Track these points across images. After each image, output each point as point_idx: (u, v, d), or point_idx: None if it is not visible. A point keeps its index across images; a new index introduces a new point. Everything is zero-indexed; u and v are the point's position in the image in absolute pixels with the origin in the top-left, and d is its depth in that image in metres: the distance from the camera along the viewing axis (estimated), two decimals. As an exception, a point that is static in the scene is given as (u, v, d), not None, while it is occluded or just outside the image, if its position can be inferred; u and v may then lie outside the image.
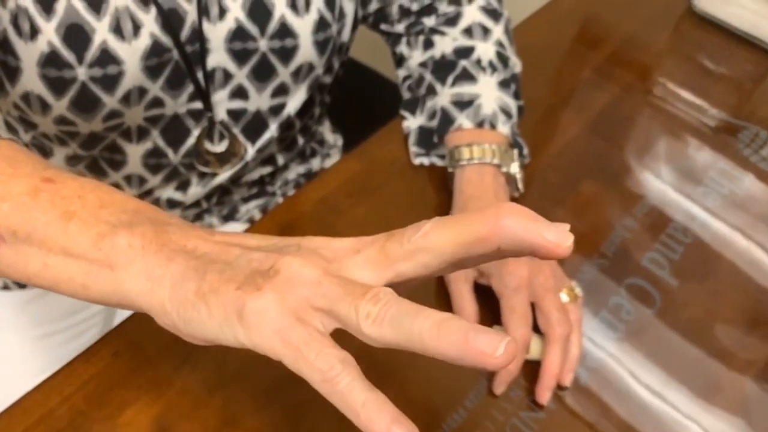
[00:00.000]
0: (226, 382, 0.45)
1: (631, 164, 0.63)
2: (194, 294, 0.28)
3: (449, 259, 0.26)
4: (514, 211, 0.25)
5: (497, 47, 0.60)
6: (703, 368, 0.50)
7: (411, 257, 0.27)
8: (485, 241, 0.25)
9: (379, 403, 0.25)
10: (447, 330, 0.24)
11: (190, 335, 0.29)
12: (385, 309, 0.25)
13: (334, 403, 0.26)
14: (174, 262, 0.29)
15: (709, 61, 0.73)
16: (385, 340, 0.25)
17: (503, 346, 0.23)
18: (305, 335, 0.26)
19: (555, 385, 0.48)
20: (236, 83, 0.54)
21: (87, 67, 0.46)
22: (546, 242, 0.25)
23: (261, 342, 0.26)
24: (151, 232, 0.31)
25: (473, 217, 0.26)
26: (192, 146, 0.57)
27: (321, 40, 0.54)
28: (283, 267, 0.27)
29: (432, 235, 0.26)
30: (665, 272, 0.56)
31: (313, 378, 0.25)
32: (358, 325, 0.25)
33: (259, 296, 0.27)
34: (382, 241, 0.28)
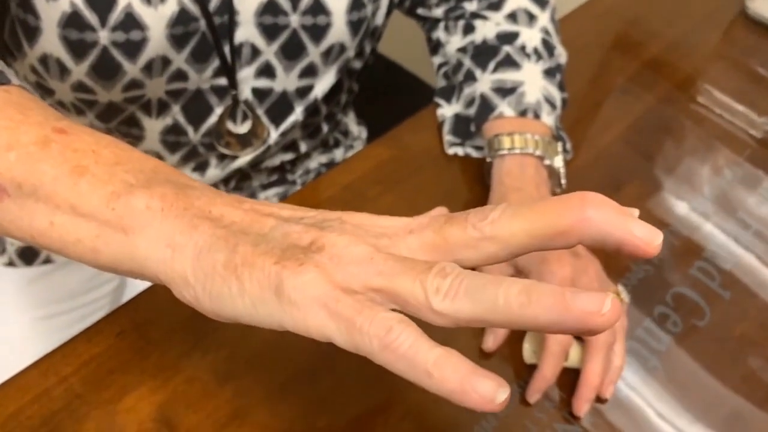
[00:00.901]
0: (238, 372, 0.41)
1: (674, 171, 0.59)
2: (223, 266, 0.25)
3: (519, 251, 0.24)
4: (600, 202, 0.22)
5: (543, 34, 0.56)
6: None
7: (475, 246, 0.24)
8: (565, 235, 0.23)
9: (452, 359, 0.22)
10: (539, 294, 0.21)
11: (216, 312, 0.26)
12: (458, 281, 0.22)
13: (400, 372, 0.22)
14: (198, 230, 0.26)
15: (761, 68, 0.69)
16: (460, 316, 0.22)
17: (609, 302, 0.21)
18: (355, 303, 0.23)
19: (594, 396, 0.44)
20: (264, 60, 0.51)
21: (110, 30, 0.44)
22: (636, 239, 0.22)
23: (304, 319, 0.23)
24: (171, 193, 0.27)
25: (552, 206, 0.23)
26: (213, 125, 0.54)
27: (355, 20, 0.51)
28: (327, 244, 0.24)
29: (502, 223, 0.23)
30: (715, 283, 0.51)
31: (372, 348, 0.22)
32: (427, 301, 0.22)
33: (301, 272, 0.24)
34: (441, 223, 0.25)
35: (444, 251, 0.24)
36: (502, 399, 0.21)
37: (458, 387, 0.21)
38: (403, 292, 0.23)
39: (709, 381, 0.46)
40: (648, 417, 0.44)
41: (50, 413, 0.38)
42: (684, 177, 0.58)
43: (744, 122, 0.64)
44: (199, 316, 0.43)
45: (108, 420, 0.38)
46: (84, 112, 0.51)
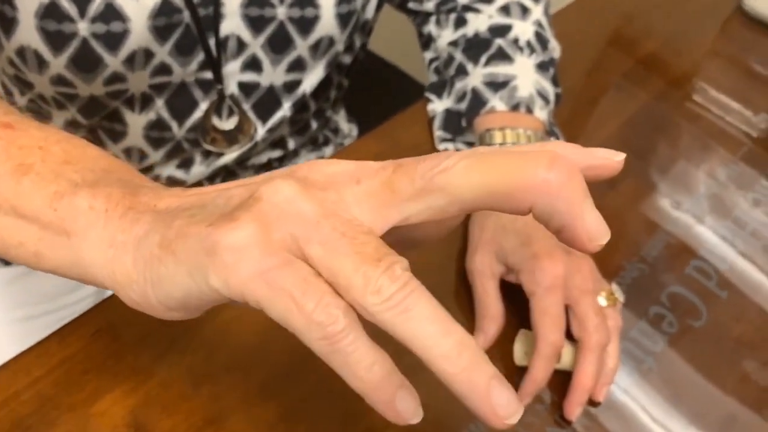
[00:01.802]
0: (215, 375, 0.40)
1: (669, 170, 0.58)
2: (159, 246, 0.23)
3: (468, 205, 0.21)
4: (566, 168, 0.20)
5: (536, 27, 0.55)
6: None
7: (421, 197, 0.21)
8: (518, 196, 0.20)
9: (386, 366, 0.20)
10: (468, 363, 0.19)
11: (161, 301, 0.24)
12: (401, 294, 0.20)
13: (331, 365, 0.20)
14: (139, 223, 0.24)
15: (757, 65, 0.68)
16: (387, 329, 0.20)
17: (517, 416, 0.20)
18: (299, 278, 0.20)
19: (586, 400, 0.42)
20: (250, 54, 0.50)
21: (89, 21, 0.43)
22: (581, 229, 0.20)
23: (239, 286, 0.21)
24: (118, 193, 0.26)
25: (514, 159, 0.20)
26: (198, 120, 0.53)
27: (344, 13, 0.50)
28: (266, 192, 0.22)
29: (454, 172, 0.21)
30: (712, 283, 0.50)
31: (309, 334, 0.20)
32: (362, 296, 0.20)
33: (234, 228, 0.21)
34: (390, 171, 0.22)
35: (389, 204, 0.21)
36: (417, 420, 0.20)
37: (385, 397, 0.20)
38: (340, 275, 0.20)
39: (705, 383, 0.45)
40: (642, 421, 0.43)
41: (19, 417, 0.37)
42: (679, 175, 0.57)
43: (739, 120, 0.62)
44: (177, 316, 0.42)
45: (80, 424, 0.37)
46: (65, 107, 0.50)
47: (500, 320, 0.44)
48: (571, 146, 0.21)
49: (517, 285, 0.44)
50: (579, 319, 0.42)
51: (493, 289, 0.45)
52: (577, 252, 0.44)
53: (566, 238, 0.20)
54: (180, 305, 0.23)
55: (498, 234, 0.45)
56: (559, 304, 0.42)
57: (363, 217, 0.22)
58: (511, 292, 0.45)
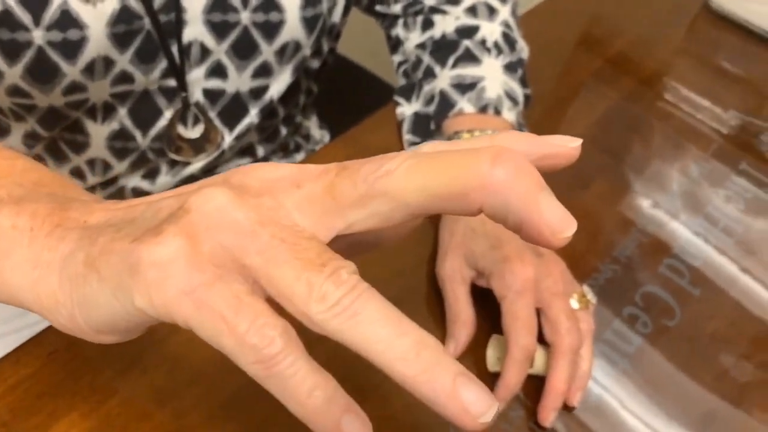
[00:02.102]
0: (179, 391, 0.38)
1: (641, 168, 0.57)
2: (83, 264, 0.21)
3: (414, 210, 0.19)
4: (515, 165, 0.18)
5: (504, 28, 0.54)
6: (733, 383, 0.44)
7: (364, 203, 0.20)
8: (465, 197, 0.19)
9: (329, 390, 0.19)
10: (428, 362, 0.18)
11: (89, 323, 0.22)
12: (348, 298, 0.18)
13: (269, 390, 0.19)
14: (65, 240, 0.23)
15: (726, 62, 0.68)
16: (336, 337, 0.18)
17: (492, 412, 0.18)
18: (229, 296, 0.19)
19: (561, 404, 0.41)
20: (214, 60, 0.49)
21: (44, 29, 0.41)
22: (542, 224, 0.18)
23: (165, 305, 0.19)
24: (45, 210, 0.24)
25: (457, 159, 0.19)
26: (163, 129, 0.52)
27: (309, 17, 0.49)
28: (196, 202, 0.20)
29: (396, 176, 0.19)
30: (685, 281, 0.50)
31: (242, 358, 0.19)
32: (306, 305, 0.18)
33: (158, 243, 0.19)
34: (332, 175, 0.20)
35: (332, 211, 0.20)
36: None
37: (329, 423, 0.18)
38: (281, 284, 0.19)
39: (682, 381, 0.44)
40: (624, 419, 0.42)
41: (-28, 443, 0.35)
42: (651, 174, 0.57)
43: (710, 117, 0.62)
44: (139, 332, 0.40)
45: (36, 449, 0.35)
46: (24, 119, 0.49)
47: (472, 326, 0.43)
48: (524, 135, 0.20)
49: (488, 289, 0.43)
50: (551, 322, 0.41)
51: (464, 295, 0.44)
52: (548, 254, 0.44)
53: (528, 235, 0.19)
54: (109, 328, 0.22)
55: (467, 238, 0.44)
56: (530, 308, 0.41)
57: (304, 224, 0.20)
58: (483, 297, 0.44)
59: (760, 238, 0.53)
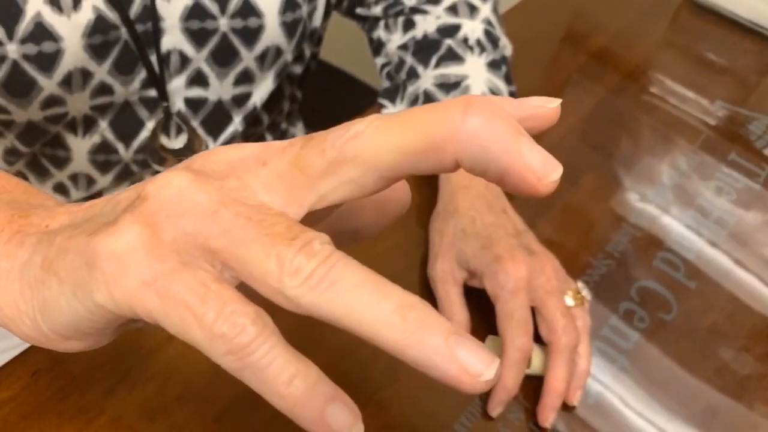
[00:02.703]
0: (169, 407, 0.37)
1: (630, 162, 0.57)
2: (40, 268, 0.20)
3: (387, 173, 0.18)
4: (489, 111, 0.17)
5: (485, 25, 0.54)
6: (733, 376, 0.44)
7: (334, 171, 0.18)
8: (439, 151, 0.17)
9: (311, 378, 0.17)
10: (420, 323, 0.16)
11: (56, 331, 0.21)
12: (323, 268, 0.17)
13: (245, 381, 0.17)
14: (24, 246, 0.22)
15: (710, 53, 0.68)
16: (314, 311, 0.17)
17: (493, 369, 0.16)
18: (195, 284, 0.17)
19: (560, 404, 0.41)
20: (194, 68, 0.48)
21: (18, 43, 0.40)
22: (525, 168, 0.17)
23: (126, 299, 0.18)
24: (5, 217, 0.23)
25: (427, 112, 0.18)
26: (146, 140, 0.51)
27: (289, 21, 0.48)
28: (153, 189, 0.18)
29: (365, 137, 0.18)
30: (680, 274, 0.49)
31: (213, 349, 0.17)
32: (279, 282, 0.17)
33: (113, 233, 0.18)
34: (298, 147, 0.19)
35: (301, 185, 0.19)
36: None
37: (312, 414, 0.17)
38: (250, 264, 0.17)
39: (682, 376, 0.44)
40: (625, 416, 0.42)
41: (-45, 470, 0.34)
42: (640, 168, 0.56)
43: (696, 109, 0.62)
44: (126, 347, 0.39)
45: (22, 472, 0.34)
46: (2, 134, 0.48)
47: (466, 327, 0.42)
48: (499, 98, 0.19)
49: (481, 290, 0.43)
50: (546, 321, 0.41)
51: (457, 296, 0.43)
52: (540, 251, 0.43)
53: (512, 184, 0.17)
54: (73, 332, 0.20)
55: (458, 239, 0.44)
56: (524, 307, 0.40)
57: (274, 204, 0.19)
58: (476, 298, 0.43)
59: (753, 229, 0.53)
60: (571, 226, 0.51)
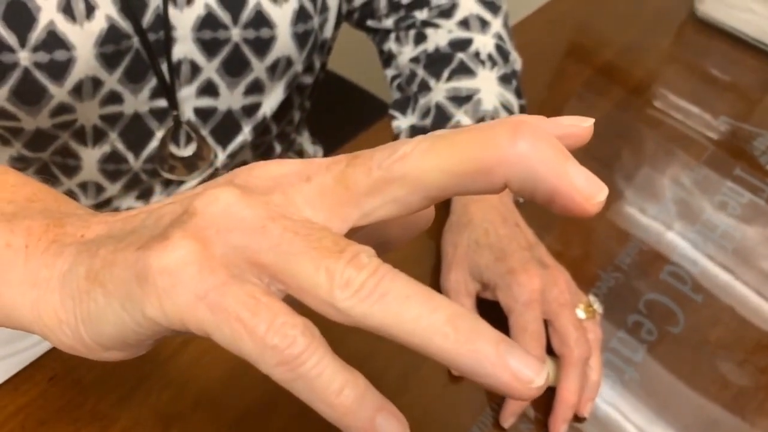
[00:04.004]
0: (185, 413, 0.37)
1: (634, 177, 0.57)
2: (85, 279, 0.20)
3: (433, 193, 0.18)
4: (536, 135, 0.17)
5: (497, 40, 0.55)
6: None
7: (380, 190, 0.19)
8: (489, 174, 0.18)
9: (360, 388, 0.17)
10: (470, 333, 0.17)
11: (99, 342, 0.21)
12: (374, 280, 0.17)
13: (296, 393, 0.18)
14: (62, 256, 0.22)
15: (714, 69, 0.69)
16: (366, 323, 0.17)
17: (543, 376, 0.17)
18: (245, 297, 0.18)
19: (572, 416, 0.41)
20: (205, 78, 0.48)
21: (31, 51, 0.41)
22: (574, 191, 0.17)
23: (178, 313, 0.18)
24: (40, 226, 0.23)
25: (475, 135, 0.18)
26: (155, 150, 0.51)
27: (301, 33, 0.49)
28: (201, 204, 0.19)
29: (413, 158, 0.18)
30: (687, 287, 0.50)
31: (264, 361, 0.17)
32: (329, 294, 0.17)
33: (166, 248, 0.18)
34: (343, 165, 0.19)
35: (346, 201, 0.19)
36: None
37: (362, 423, 0.17)
38: (300, 277, 0.18)
39: (687, 390, 0.44)
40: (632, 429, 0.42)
41: (-29, 475, 0.34)
42: (645, 182, 0.57)
43: (700, 124, 0.63)
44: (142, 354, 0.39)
45: (38, 478, 0.34)
46: (9, 142, 0.48)
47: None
48: (539, 118, 0.19)
49: (493, 302, 0.43)
50: (559, 334, 0.41)
51: (470, 308, 0.43)
52: (552, 264, 0.44)
53: (561, 204, 0.18)
54: (117, 343, 0.21)
55: (471, 250, 0.44)
56: (538, 320, 0.41)
57: (317, 219, 0.19)
58: (488, 310, 0.44)
59: (757, 244, 0.54)
60: (578, 239, 0.51)
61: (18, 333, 0.60)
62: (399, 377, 0.41)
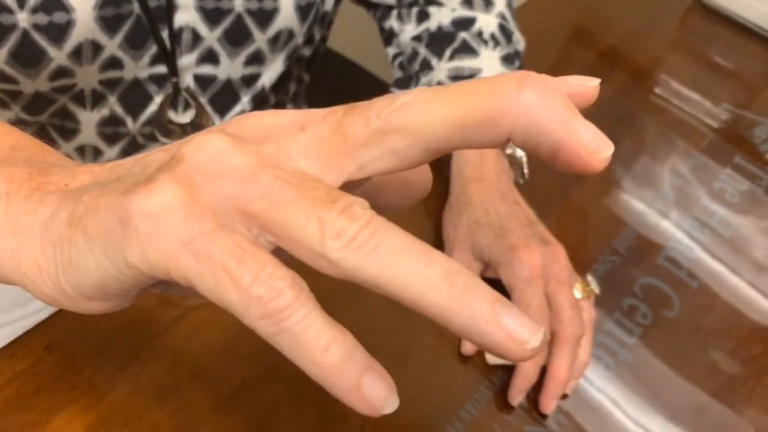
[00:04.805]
0: (181, 384, 0.38)
1: (633, 163, 0.57)
2: (67, 225, 0.19)
3: (434, 145, 0.18)
4: (543, 86, 0.17)
5: (500, 20, 0.54)
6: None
7: (379, 140, 0.18)
8: (492, 125, 0.17)
9: (347, 345, 0.17)
10: (466, 288, 0.16)
11: (80, 291, 0.20)
12: (368, 231, 0.16)
13: (280, 348, 0.17)
14: (45, 203, 0.21)
15: (717, 56, 0.69)
16: (358, 275, 0.17)
17: (539, 337, 0.16)
18: (232, 246, 0.17)
19: (562, 392, 0.41)
20: (206, 46, 0.48)
21: (30, 12, 0.40)
22: (580, 145, 0.17)
23: (161, 259, 0.17)
24: (23, 174, 0.22)
25: (480, 86, 0.17)
26: (154, 114, 0.51)
27: (303, 5, 0.49)
28: (189, 150, 0.18)
29: (414, 108, 0.17)
30: (683, 272, 0.50)
31: (248, 312, 0.17)
32: (321, 244, 0.17)
33: (150, 191, 0.17)
34: (340, 114, 0.18)
35: (342, 151, 0.18)
36: (391, 409, 0.17)
37: (348, 383, 0.16)
38: (290, 227, 0.17)
39: (678, 375, 0.45)
40: (616, 417, 0.42)
41: (-33, 440, 0.34)
42: (644, 168, 0.57)
43: (702, 112, 0.63)
44: (139, 324, 0.40)
45: (34, 444, 0.35)
46: (8, 105, 0.47)
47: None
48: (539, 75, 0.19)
49: (496, 281, 0.43)
50: (554, 311, 0.41)
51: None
52: (552, 241, 0.44)
53: (565, 159, 0.17)
54: (99, 292, 0.20)
55: (472, 230, 0.44)
56: (540, 296, 0.41)
57: (311, 170, 0.18)
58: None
59: (753, 232, 0.54)
60: (576, 223, 0.52)
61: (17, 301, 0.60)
62: (394, 354, 0.42)
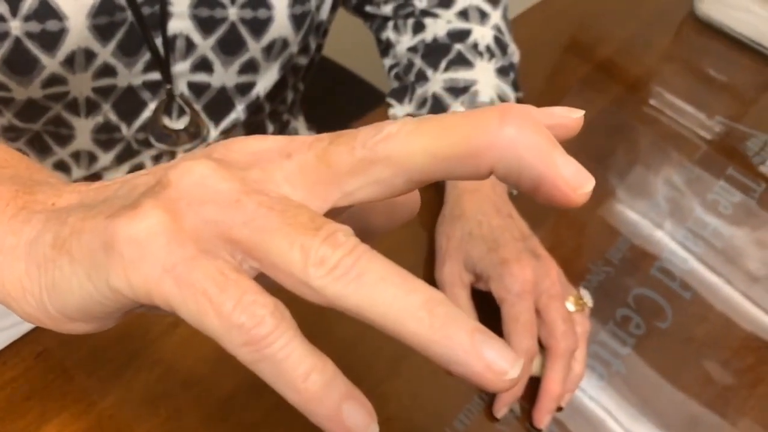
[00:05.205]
0: (174, 391, 0.37)
1: (627, 174, 0.58)
2: (51, 247, 0.20)
3: (417, 176, 0.18)
4: (525, 121, 0.17)
5: (495, 32, 0.55)
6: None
7: (363, 170, 0.18)
8: (475, 158, 0.17)
9: (327, 374, 0.17)
10: (446, 319, 0.16)
11: (63, 313, 0.20)
12: (350, 259, 0.17)
13: (261, 376, 0.17)
14: (30, 223, 0.21)
15: (711, 69, 0.69)
16: (340, 304, 0.17)
17: (517, 368, 0.16)
18: (214, 272, 0.17)
19: (556, 407, 0.41)
20: (200, 55, 0.48)
21: (22, 20, 0.40)
22: (560, 179, 0.17)
23: (143, 284, 0.17)
24: (9, 192, 0.22)
25: (463, 119, 0.17)
26: (148, 119, 0.51)
27: (298, 14, 0.49)
28: (175, 175, 0.18)
29: (398, 139, 0.18)
30: (676, 283, 0.50)
31: (230, 340, 0.17)
32: (303, 272, 0.17)
33: (134, 216, 0.18)
34: (326, 143, 0.19)
35: (328, 180, 0.18)
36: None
37: (327, 411, 0.17)
38: (273, 254, 0.17)
39: (671, 386, 0.45)
40: (609, 427, 0.42)
41: (-43, 447, 0.34)
42: (638, 179, 0.57)
43: (695, 124, 0.63)
44: (131, 332, 0.40)
45: (24, 452, 0.34)
46: (0, 112, 0.47)
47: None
48: (530, 107, 0.19)
49: (486, 293, 0.43)
50: (547, 325, 0.41)
51: (465, 299, 0.43)
52: (545, 256, 0.44)
53: (546, 193, 0.17)
54: (82, 314, 0.20)
55: (465, 242, 0.44)
56: (530, 311, 0.41)
57: (295, 197, 0.18)
58: (482, 302, 0.44)
59: (746, 244, 0.54)
60: (570, 234, 0.52)
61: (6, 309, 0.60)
62: (389, 363, 0.42)
